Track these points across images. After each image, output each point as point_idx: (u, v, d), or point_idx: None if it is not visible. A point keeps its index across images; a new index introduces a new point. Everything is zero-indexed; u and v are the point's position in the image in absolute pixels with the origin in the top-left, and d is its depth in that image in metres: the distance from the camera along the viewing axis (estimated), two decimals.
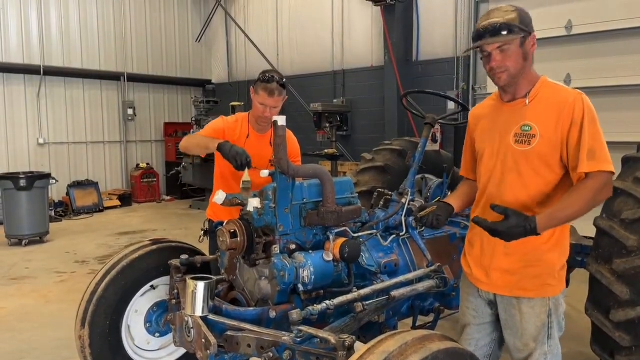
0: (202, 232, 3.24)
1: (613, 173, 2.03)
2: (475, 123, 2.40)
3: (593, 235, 3.15)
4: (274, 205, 2.50)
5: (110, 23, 11.72)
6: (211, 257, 3.00)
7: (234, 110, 11.00)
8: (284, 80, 3.19)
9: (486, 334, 2.47)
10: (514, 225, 1.98)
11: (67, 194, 10.62)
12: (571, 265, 3.68)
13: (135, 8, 12.18)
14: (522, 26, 2.10)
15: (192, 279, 2.48)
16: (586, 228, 3.86)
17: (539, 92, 2.15)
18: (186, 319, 2.46)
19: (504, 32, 2.07)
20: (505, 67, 2.10)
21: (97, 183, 11.13)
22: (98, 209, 10.80)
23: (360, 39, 10.32)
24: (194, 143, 3.20)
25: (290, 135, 3.31)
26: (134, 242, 7.73)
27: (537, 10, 7.66)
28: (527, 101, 2.14)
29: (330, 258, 2.54)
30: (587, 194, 1.99)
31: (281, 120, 2.39)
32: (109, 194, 11.55)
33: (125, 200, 11.53)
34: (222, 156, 2.90)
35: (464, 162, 2.57)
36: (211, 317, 2.43)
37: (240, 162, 2.81)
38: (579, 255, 3.59)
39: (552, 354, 2.25)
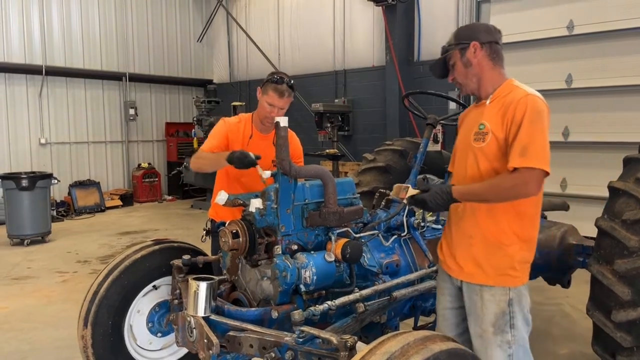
0: (205, 232, 3.25)
1: (545, 172, 2.07)
2: (460, 124, 2.59)
3: (594, 236, 3.16)
4: (275, 206, 2.51)
5: (111, 23, 11.74)
6: (213, 257, 3.01)
7: (235, 110, 11.01)
8: (292, 82, 3.21)
9: (463, 319, 2.50)
10: (433, 192, 2.22)
11: (69, 193, 10.64)
12: (572, 265, 3.71)
13: (136, 8, 12.19)
14: (456, 42, 2.34)
15: (194, 279, 2.49)
16: (587, 228, 3.88)
17: (499, 94, 2.28)
18: (188, 319, 2.47)
19: (443, 54, 2.41)
20: (455, 79, 2.39)
21: (98, 183, 11.15)
22: (99, 208, 10.82)
23: (361, 39, 10.32)
24: (205, 163, 3.15)
25: (292, 135, 3.32)
26: (135, 242, 7.72)
27: (538, 10, 7.67)
28: (488, 102, 2.30)
29: (332, 258, 2.55)
30: (506, 183, 2.10)
31: (283, 121, 2.40)
32: (111, 194, 11.57)
33: (127, 200, 11.54)
34: (234, 166, 2.87)
35: (452, 157, 2.65)
36: (213, 317, 2.44)
37: (246, 161, 2.79)
38: (580, 256, 3.60)
39: (518, 345, 2.30)
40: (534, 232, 2.30)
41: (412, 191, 2.38)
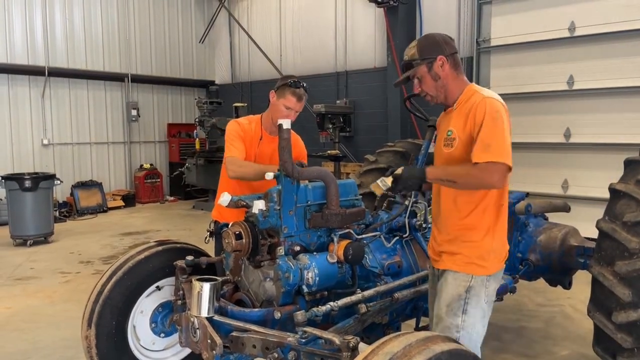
0: (208, 234, 3.26)
1: (507, 166, 2.18)
2: (437, 132, 2.70)
3: (595, 237, 3.17)
4: (278, 207, 2.53)
5: (114, 24, 11.77)
6: (216, 258, 3.02)
7: (237, 111, 11.02)
8: (307, 86, 3.31)
9: None
10: (408, 169, 2.39)
11: (71, 194, 10.66)
12: (573, 266, 3.72)
13: (139, 9, 12.23)
14: (422, 57, 2.42)
15: (198, 280, 2.51)
16: (589, 229, 3.89)
17: (463, 99, 2.40)
18: (192, 319, 2.49)
19: (408, 69, 2.48)
20: (424, 91, 2.47)
21: (100, 183, 11.17)
22: (102, 209, 10.84)
23: (363, 41, 10.33)
24: (250, 172, 3.10)
25: (297, 139, 3.36)
26: (137, 242, 7.71)
27: (539, 11, 7.68)
28: (454, 108, 2.42)
29: (334, 260, 2.57)
30: (474, 171, 2.21)
31: (286, 124, 2.41)
32: (113, 195, 11.59)
33: (129, 200, 11.57)
34: None
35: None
36: (216, 317, 2.46)
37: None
38: (581, 257, 3.61)
39: (466, 331, 2.34)
40: (500, 223, 2.38)
41: (386, 180, 2.51)
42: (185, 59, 13.35)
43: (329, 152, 9.28)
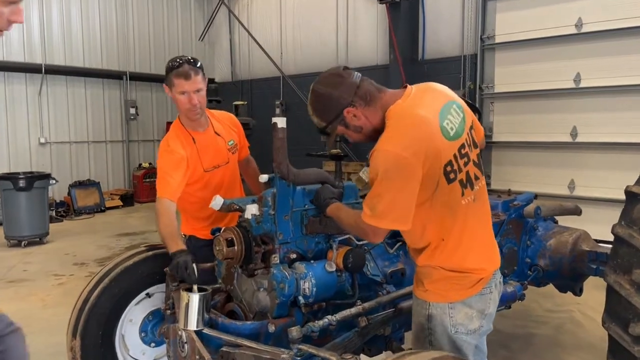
0: None
1: (385, 229, 2.01)
2: None
3: (604, 239, 3.02)
4: (273, 212, 2.38)
5: (112, 21, 11.63)
6: (208, 264, 2.84)
7: (236, 109, 10.89)
8: (194, 59, 2.90)
9: None
10: (323, 195, 2.42)
11: (69, 193, 10.54)
12: (585, 272, 3.57)
13: (137, 6, 12.09)
14: (328, 121, 2.13)
15: (186, 290, 2.35)
16: (596, 231, 3.74)
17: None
18: (180, 332, 2.33)
19: (327, 134, 2.20)
20: (356, 142, 2.24)
21: (98, 183, 11.04)
22: (99, 209, 10.71)
23: (365, 38, 10.19)
24: (162, 233, 2.72)
25: (231, 118, 3.23)
26: (134, 243, 7.55)
27: (546, 8, 7.54)
28: None
29: (333, 268, 2.42)
30: (357, 225, 2.06)
31: (281, 122, 2.26)
32: (111, 194, 11.47)
33: (127, 200, 11.44)
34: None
35: None
36: (206, 331, 2.30)
37: (188, 278, 2.44)
38: (593, 263, 3.46)
39: None
40: (445, 257, 2.07)
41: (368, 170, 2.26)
42: None
43: (330, 151, 9.13)
